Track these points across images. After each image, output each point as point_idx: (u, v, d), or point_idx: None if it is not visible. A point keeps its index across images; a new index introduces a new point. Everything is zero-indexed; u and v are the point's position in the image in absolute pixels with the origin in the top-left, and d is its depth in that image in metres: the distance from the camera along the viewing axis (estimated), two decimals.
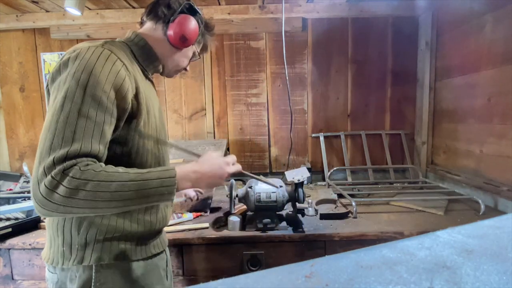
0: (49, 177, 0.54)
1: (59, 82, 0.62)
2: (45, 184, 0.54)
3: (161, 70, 0.86)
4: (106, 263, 0.70)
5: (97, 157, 0.61)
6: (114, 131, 0.66)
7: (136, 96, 0.69)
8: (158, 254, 0.80)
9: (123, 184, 0.59)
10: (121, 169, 0.62)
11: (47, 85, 0.67)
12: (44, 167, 0.55)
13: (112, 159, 0.66)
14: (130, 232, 0.73)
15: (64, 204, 0.55)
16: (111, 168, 0.60)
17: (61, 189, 0.54)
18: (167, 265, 0.86)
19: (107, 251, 0.70)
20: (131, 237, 0.73)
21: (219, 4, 1.72)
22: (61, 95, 0.59)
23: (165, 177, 0.63)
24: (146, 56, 0.80)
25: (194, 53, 0.89)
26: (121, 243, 0.72)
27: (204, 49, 0.92)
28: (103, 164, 0.61)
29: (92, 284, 0.69)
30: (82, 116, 0.58)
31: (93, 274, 0.69)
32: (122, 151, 0.69)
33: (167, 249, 0.87)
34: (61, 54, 1.79)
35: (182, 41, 0.79)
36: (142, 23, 0.84)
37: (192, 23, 0.79)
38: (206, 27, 0.88)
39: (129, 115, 0.68)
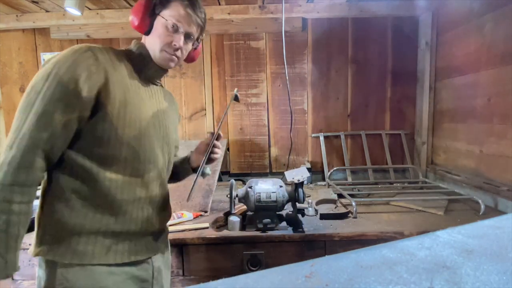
0: None
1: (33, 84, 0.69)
2: None
3: (157, 68, 0.82)
4: (68, 262, 0.68)
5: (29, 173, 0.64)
6: (81, 121, 0.68)
7: (105, 87, 0.69)
8: (133, 263, 0.75)
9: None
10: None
11: None
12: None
13: (86, 146, 0.69)
14: (92, 232, 0.70)
15: None
16: None
17: None
18: (153, 277, 0.80)
19: (68, 248, 0.68)
20: (93, 238, 0.70)
21: (219, 4, 1.72)
22: (28, 89, 0.69)
23: None
24: (139, 59, 0.81)
25: (165, 26, 0.77)
26: (82, 243, 0.69)
27: (173, 14, 0.78)
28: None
29: (56, 282, 0.68)
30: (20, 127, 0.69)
31: (57, 271, 0.68)
32: (94, 140, 0.70)
33: (159, 259, 0.82)
34: None
35: (133, 22, 0.78)
36: None
37: (138, 1, 0.79)
38: None
39: (97, 105, 0.69)
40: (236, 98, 0.88)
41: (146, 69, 0.81)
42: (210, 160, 0.89)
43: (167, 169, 0.87)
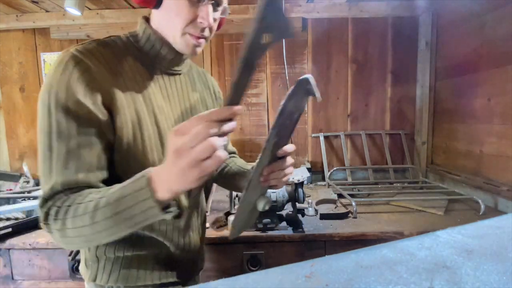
0: (42, 213, 0.53)
1: (38, 103, 0.55)
2: (42, 218, 0.53)
3: (176, 53, 0.63)
4: (117, 285, 0.64)
5: (79, 188, 0.53)
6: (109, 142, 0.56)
7: (105, 102, 0.54)
8: (165, 285, 0.69)
9: (94, 213, 0.48)
10: (94, 194, 0.50)
11: None
12: (39, 201, 0.54)
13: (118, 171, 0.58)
14: (135, 254, 0.64)
15: (63, 242, 0.53)
16: (83, 197, 0.51)
17: (53, 231, 0.52)
18: None
19: (116, 270, 0.64)
20: (137, 258, 0.65)
21: None
22: (38, 124, 0.55)
23: (137, 189, 0.46)
24: (148, 47, 0.62)
25: None
26: (127, 264, 0.64)
27: None
28: (88, 191, 0.52)
29: None
30: (53, 148, 0.53)
31: None
32: (122, 166, 0.59)
33: None
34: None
35: None
36: None
37: None
38: None
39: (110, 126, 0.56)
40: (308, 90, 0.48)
41: (158, 60, 0.62)
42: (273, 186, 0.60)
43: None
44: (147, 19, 0.62)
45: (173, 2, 0.55)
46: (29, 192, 1.51)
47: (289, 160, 0.59)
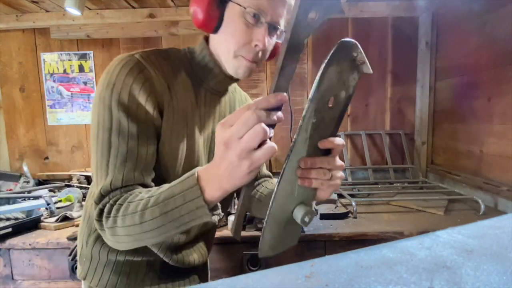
0: (97, 210, 0.53)
1: (94, 100, 0.56)
2: (96, 215, 0.53)
3: (225, 76, 0.64)
4: None
5: (133, 186, 0.54)
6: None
7: (160, 109, 0.57)
8: None
9: (143, 212, 0.48)
10: (144, 193, 0.51)
11: None
12: (95, 197, 0.53)
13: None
14: (127, 259, 0.65)
15: (113, 240, 0.53)
16: (135, 196, 0.51)
17: (105, 229, 0.52)
18: None
19: (107, 274, 0.64)
20: (130, 264, 0.65)
21: None
22: (94, 120, 0.55)
23: (186, 188, 0.45)
24: (201, 66, 0.63)
25: (241, 18, 0.55)
26: (117, 269, 0.64)
27: None
28: (138, 190, 0.53)
29: None
30: (112, 144, 0.53)
31: None
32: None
33: None
34: (61, 54, 1.80)
35: (195, 16, 0.56)
36: None
37: None
38: None
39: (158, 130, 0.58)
40: (355, 60, 0.41)
41: (207, 78, 0.63)
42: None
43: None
44: (207, 39, 0.64)
45: (230, 24, 0.56)
46: (29, 192, 1.52)
47: (338, 160, 0.47)
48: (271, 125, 0.40)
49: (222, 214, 0.48)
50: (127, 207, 0.49)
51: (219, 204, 0.48)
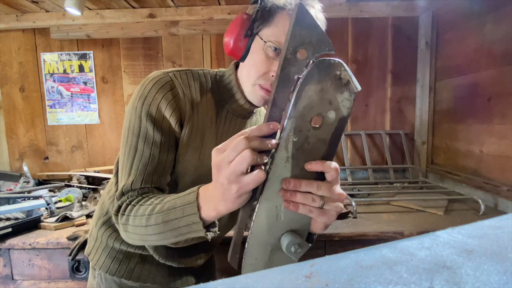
0: (116, 205, 0.59)
1: (128, 107, 0.63)
2: (114, 210, 0.59)
3: (246, 101, 0.68)
4: (110, 277, 0.70)
5: (150, 188, 0.60)
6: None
7: (181, 124, 0.63)
8: None
9: (149, 217, 0.53)
10: (155, 199, 0.55)
11: None
12: (117, 194, 0.60)
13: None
14: (122, 248, 0.70)
15: (125, 235, 0.59)
16: (146, 200, 0.56)
17: (119, 223, 0.58)
18: None
19: (103, 257, 0.70)
20: (127, 254, 0.71)
21: (219, 4, 1.72)
22: (126, 125, 0.62)
23: (186, 203, 0.49)
24: (227, 89, 0.68)
25: (262, 51, 0.60)
26: (113, 254, 0.71)
27: (275, 33, 0.60)
28: (152, 194, 0.58)
29: None
30: (138, 149, 0.60)
31: (95, 280, 0.71)
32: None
33: None
34: (61, 54, 1.80)
35: (227, 44, 0.63)
36: None
37: (236, 17, 0.63)
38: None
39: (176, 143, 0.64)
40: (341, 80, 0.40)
41: (230, 102, 0.68)
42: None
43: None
44: (237, 65, 0.69)
45: (253, 55, 0.62)
46: (29, 192, 1.52)
47: (336, 188, 0.43)
48: (266, 152, 0.41)
49: (219, 232, 0.50)
50: (138, 209, 0.55)
51: (217, 222, 0.51)
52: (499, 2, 1.22)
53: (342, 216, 1.20)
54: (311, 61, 0.39)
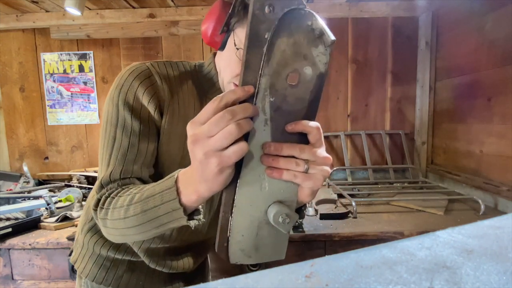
0: (95, 199, 0.55)
1: (106, 99, 0.61)
2: (93, 204, 0.55)
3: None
4: (97, 286, 0.67)
5: (131, 179, 0.57)
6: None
7: (161, 111, 0.61)
8: None
9: (127, 208, 0.49)
10: (134, 188, 0.52)
11: None
12: (95, 187, 0.57)
13: None
14: (109, 255, 0.67)
15: (105, 231, 0.55)
16: (126, 190, 0.53)
17: (98, 219, 0.54)
18: None
19: (90, 264, 0.67)
20: (114, 261, 0.68)
21: None
22: (104, 117, 0.60)
23: (165, 189, 0.45)
24: (206, 79, 0.68)
25: (236, 51, 0.57)
26: (99, 262, 0.68)
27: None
28: (133, 185, 0.55)
29: None
30: (116, 138, 0.57)
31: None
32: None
33: None
34: (61, 54, 1.80)
35: (205, 33, 0.60)
36: None
37: (214, 3, 0.60)
38: None
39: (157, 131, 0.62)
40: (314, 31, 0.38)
41: (211, 91, 0.67)
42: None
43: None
44: (215, 55, 0.68)
45: (228, 53, 0.59)
46: (29, 192, 1.52)
47: (320, 151, 0.40)
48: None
49: (204, 220, 0.46)
50: (117, 201, 0.51)
51: (201, 209, 0.46)
52: (499, 2, 1.22)
53: (342, 216, 1.20)
54: (282, 15, 0.36)
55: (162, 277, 0.71)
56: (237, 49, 0.56)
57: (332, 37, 0.36)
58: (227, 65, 0.59)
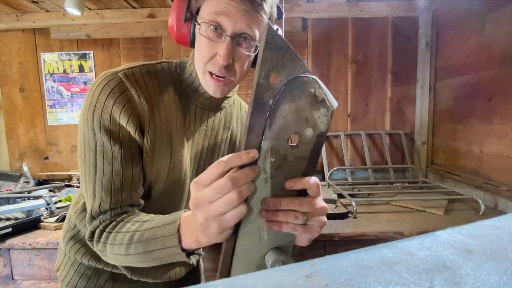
0: (88, 232, 0.55)
1: (79, 118, 0.56)
2: (88, 236, 0.55)
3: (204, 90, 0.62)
4: None
5: (122, 208, 0.55)
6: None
7: (142, 130, 0.57)
8: None
9: (128, 246, 0.50)
10: (133, 225, 0.51)
11: None
12: (86, 218, 0.56)
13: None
14: (91, 264, 0.65)
15: (103, 257, 0.56)
16: (122, 225, 0.52)
17: (95, 249, 0.55)
18: None
19: (70, 274, 0.66)
20: (96, 271, 0.66)
21: None
22: (80, 139, 0.55)
23: (167, 235, 0.47)
24: (189, 81, 0.62)
25: (203, 31, 0.53)
26: (80, 271, 0.66)
27: (211, 8, 0.52)
28: (127, 218, 0.54)
29: None
30: (98, 166, 0.54)
31: None
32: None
33: None
34: (61, 54, 1.80)
35: (171, 30, 0.56)
36: None
37: None
38: None
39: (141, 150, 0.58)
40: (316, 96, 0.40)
41: (195, 95, 0.62)
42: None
43: None
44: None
45: (197, 41, 0.55)
46: (29, 192, 1.52)
47: (319, 202, 0.42)
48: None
49: (203, 253, 0.50)
50: (115, 237, 0.51)
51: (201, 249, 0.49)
52: (499, 2, 1.22)
53: (342, 216, 1.20)
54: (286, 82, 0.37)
55: (147, 286, 0.68)
56: (199, 24, 0.52)
57: (335, 105, 0.37)
58: (199, 53, 0.55)
